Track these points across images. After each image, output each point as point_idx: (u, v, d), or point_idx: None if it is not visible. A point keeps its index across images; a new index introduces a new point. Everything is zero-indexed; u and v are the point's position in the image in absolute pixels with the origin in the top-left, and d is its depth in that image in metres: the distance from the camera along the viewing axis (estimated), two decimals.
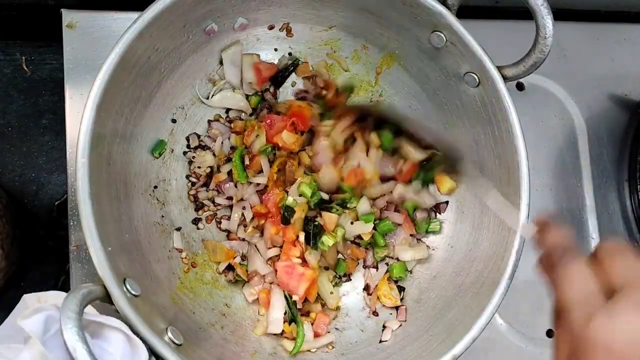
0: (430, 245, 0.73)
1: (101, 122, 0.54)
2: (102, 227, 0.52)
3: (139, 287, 0.54)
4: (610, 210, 0.84)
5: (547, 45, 0.58)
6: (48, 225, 0.73)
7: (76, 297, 0.46)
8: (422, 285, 0.71)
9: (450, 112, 0.70)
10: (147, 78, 0.62)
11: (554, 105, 0.85)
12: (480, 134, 0.67)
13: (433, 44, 0.65)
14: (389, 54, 0.72)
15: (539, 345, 0.77)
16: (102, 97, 0.54)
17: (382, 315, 0.71)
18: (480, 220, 0.68)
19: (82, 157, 0.52)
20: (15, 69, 0.75)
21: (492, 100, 0.63)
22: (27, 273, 0.71)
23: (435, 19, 0.62)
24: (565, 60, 0.86)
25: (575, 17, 0.88)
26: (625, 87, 0.87)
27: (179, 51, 0.64)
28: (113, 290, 0.50)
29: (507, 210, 0.47)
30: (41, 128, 0.74)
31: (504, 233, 0.62)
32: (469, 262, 0.67)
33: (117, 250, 0.54)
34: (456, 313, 0.63)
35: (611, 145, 0.85)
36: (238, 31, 0.69)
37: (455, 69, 0.65)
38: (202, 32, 0.65)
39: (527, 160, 0.61)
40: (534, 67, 0.60)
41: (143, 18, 0.55)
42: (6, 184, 0.72)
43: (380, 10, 0.66)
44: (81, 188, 0.52)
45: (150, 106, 0.64)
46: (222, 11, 0.64)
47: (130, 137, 0.62)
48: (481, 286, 0.62)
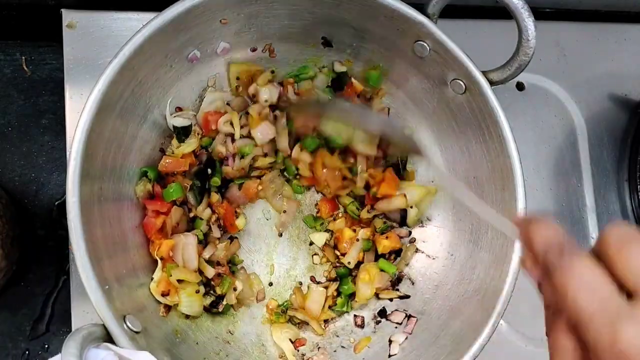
0: (430, 255, 0.73)
1: (89, 161, 0.54)
2: (98, 265, 0.52)
3: (140, 323, 0.53)
4: (610, 210, 0.84)
5: (531, 47, 0.57)
6: (48, 225, 0.73)
7: (76, 340, 0.46)
8: (425, 296, 0.70)
9: (439, 120, 0.70)
10: (133, 111, 0.61)
11: (554, 105, 0.85)
12: (471, 140, 0.67)
13: (417, 54, 0.65)
14: (373, 66, 0.72)
15: (539, 345, 0.77)
16: (87, 135, 0.53)
17: (387, 329, 0.70)
18: (478, 226, 0.67)
19: (72, 197, 0.52)
20: (15, 69, 0.75)
21: (480, 106, 0.63)
22: (27, 273, 0.71)
23: (417, 29, 0.61)
24: (565, 60, 0.86)
25: (575, 17, 0.88)
26: (625, 87, 0.87)
27: (162, 81, 0.64)
28: (113, 330, 0.50)
29: (484, 209, 0.46)
30: (41, 128, 0.74)
31: (503, 238, 0.62)
32: (470, 269, 0.67)
33: (115, 286, 0.54)
34: (461, 323, 0.63)
35: (611, 145, 0.85)
36: (221, 55, 0.68)
37: (441, 77, 0.65)
38: (184, 60, 0.65)
39: (520, 163, 0.61)
40: (519, 70, 0.60)
41: (123, 52, 0.55)
42: (6, 184, 0.72)
43: (362, 24, 0.65)
44: (74, 229, 0.51)
45: (138, 138, 0.64)
46: (203, 37, 0.64)
47: (120, 171, 0.62)
48: (484, 293, 0.62)
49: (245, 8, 0.63)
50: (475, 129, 0.65)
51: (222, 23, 0.63)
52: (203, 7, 0.58)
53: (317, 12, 0.65)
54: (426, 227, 0.74)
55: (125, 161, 0.62)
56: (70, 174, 0.52)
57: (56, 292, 0.71)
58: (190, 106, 0.69)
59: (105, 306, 0.50)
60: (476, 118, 0.64)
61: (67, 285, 0.70)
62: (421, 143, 0.69)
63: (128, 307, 0.55)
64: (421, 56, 0.65)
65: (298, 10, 0.65)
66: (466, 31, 0.81)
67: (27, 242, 0.70)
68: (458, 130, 0.68)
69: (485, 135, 0.64)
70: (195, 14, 0.59)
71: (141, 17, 0.71)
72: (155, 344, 0.56)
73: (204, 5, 0.58)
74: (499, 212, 0.58)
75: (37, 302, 0.71)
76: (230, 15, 0.63)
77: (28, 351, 0.70)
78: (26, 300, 0.70)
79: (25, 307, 0.70)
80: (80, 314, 0.66)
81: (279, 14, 0.65)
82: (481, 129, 0.64)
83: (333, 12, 0.64)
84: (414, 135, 0.71)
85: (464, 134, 0.67)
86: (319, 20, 0.66)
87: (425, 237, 0.73)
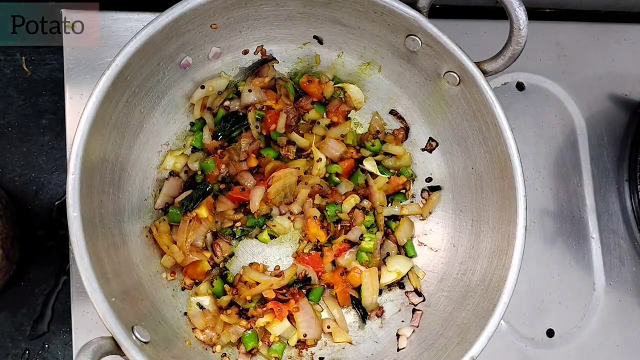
0: (433, 247, 0.73)
1: (88, 175, 0.54)
2: (102, 278, 0.52)
3: (149, 333, 0.54)
4: (610, 210, 0.84)
5: (523, 36, 0.57)
6: (48, 225, 0.73)
7: (87, 355, 0.46)
8: (430, 288, 0.71)
9: (435, 113, 0.70)
10: (128, 120, 0.61)
11: (554, 105, 0.85)
12: (467, 131, 0.67)
13: (409, 48, 0.65)
14: (366, 63, 0.72)
15: (539, 346, 0.77)
16: (84, 149, 0.53)
17: (394, 323, 0.70)
18: (479, 216, 0.67)
19: (73, 211, 0.51)
20: (15, 69, 0.75)
21: (475, 96, 0.63)
22: (27, 273, 0.71)
23: (408, 24, 0.61)
24: (565, 60, 0.86)
25: (575, 17, 0.88)
26: (625, 87, 0.87)
27: (156, 89, 0.64)
28: (122, 341, 0.50)
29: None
30: (41, 128, 0.74)
31: (505, 227, 0.62)
32: (473, 259, 0.67)
33: (121, 298, 0.54)
34: (467, 314, 0.63)
35: (611, 145, 0.85)
36: (213, 60, 0.68)
37: (435, 70, 0.65)
38: (177, 67, 0.65)
39: (517, 152, 0.61)
40: (512, 60, 0.60)
41: (116, 63, 0.54)
42: (6, 184, 0.72)
43: (353, 21, 0.65)
44: (76, 243, 0.51)
45: (135, 149, 0.64)
46: (194, 43, 0.64)
47: (119, 183, 0.62)
48: (489, 283, 0.62)
49: (234, 12, 0.62)
50: (471, 120, 0.65)
51: (212, 28, 0.63)
52: (192, 14, 0.58)
53: (308, 12, 0.65)
54: (428, 220, 0.74)
55: (124, 172, 0.63)
56: (70, 189, 0.52)
57: (56, 292, 0.71)
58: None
59: (113, 318, 0.50)
60: (471, 109, 0.64)
61: (67, 285, 0.70)
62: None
63: (136, 317, 0.55)
64: (414, 50, 0.64)
65: (288, 10, 0.64)
66: (466, 31, 0.81)
67: (27, 242, 0.70)
68: (454, 123, 0.68)
69: (482, 126, 0.64)
70: (185, 21, 0.59)
71: (141, 18, 0.71)
72: (165, 353, 0.56)
73: (193, 12, 0.58)
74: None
75: (37, 302, 0.71)
76: (220, 20, 0.63)
77: (28, 351, 0.70)
78: (26, 300, 0.70)
79: (25, 307, 0.70)
80: (80, 314, 0.66)
81: (268, 15, 0.65)
82: (477, 119, 0.64)
83: (323, 11, 0.64)
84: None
85: (460, 125, 0.67)
86: (310, 20, 0.66)
87: (427, 230, 0.74)
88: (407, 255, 0.73)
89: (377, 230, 0.72)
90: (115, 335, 0.50)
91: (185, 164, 0.70)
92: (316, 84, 0.72)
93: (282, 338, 0.68)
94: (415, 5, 0.61)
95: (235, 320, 0.67)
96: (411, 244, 0.73)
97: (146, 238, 0.66)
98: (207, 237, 0.69)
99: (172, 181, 0.69)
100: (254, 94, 0.70)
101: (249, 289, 0.68)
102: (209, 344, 0.65)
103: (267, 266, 0.71)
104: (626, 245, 0.83)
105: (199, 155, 0.70)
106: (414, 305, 0.70)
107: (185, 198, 0.68)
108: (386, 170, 0.74)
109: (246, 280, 0.69)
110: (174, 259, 0.66)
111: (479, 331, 0.58)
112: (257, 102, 0.71)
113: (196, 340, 0.65)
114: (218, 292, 0.68)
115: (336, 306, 0.70)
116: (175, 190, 0.69)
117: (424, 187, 0.74)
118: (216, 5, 0.60)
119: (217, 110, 0.71)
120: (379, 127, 0.74)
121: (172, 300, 0.66)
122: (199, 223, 0.68)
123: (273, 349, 0.67)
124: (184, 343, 0.63)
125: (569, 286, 0.80)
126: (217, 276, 0.69)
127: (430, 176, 0.74)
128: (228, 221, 0.71)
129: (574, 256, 0.81)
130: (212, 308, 0.67)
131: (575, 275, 0.81)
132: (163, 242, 0.66)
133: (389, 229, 0.74)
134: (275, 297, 0.68)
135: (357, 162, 0.74)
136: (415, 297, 0.71)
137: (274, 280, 0.68)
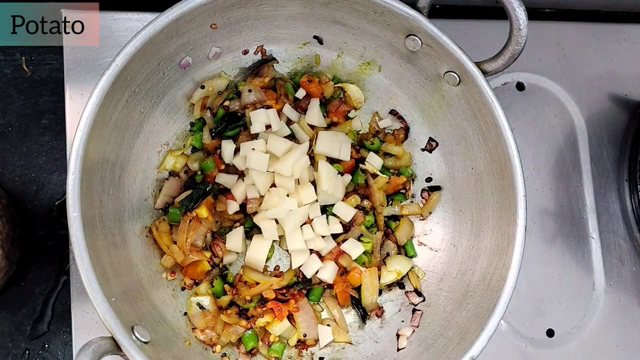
0: (433, 247, 0.73)
1: (87, 175, 0.54)
2: (102, 278, 0.52)
3: (149, 333, 0.54)
4: (610, 210, 0.84)
5: (523, 36, 0.57)
6: (48, 225, 0.73)
7: (87, 355, 0.46)
8: (430, 288, 0.71)
9: (435, 113, 0.70)
10: (128, 120, 0.61)
11: (554, 105, 0.84)
12: (467, 131, 0.67)
13: (409, 48, 0.65)
14: (366, 63, 0.72)
15: (539, 346, 0.78)
16: (84, 149, 0.53)
17: (394, 323, 0.70)
18: (479, 216, 0.67)
19: (73, 211, 0.51)
20: (15, 69, 0.75)
21: (475, 97, 0.63)
22: (27, 273, 0.71)
23: (408, 24, 0.61)
24: (565, 60, 0.86)
25: (575, 17, 0.88)
26: (625, 87, 0.87)
27: (156, 89, 0.64)
28: (122, 341, 0.50)
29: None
30: (41, 128, 0.74)
31: (505, 227, 0.62)
32: (473, 259, 0.67)
33: (121, 298, 0.54)
34: (467, 314, 0.63)
35: (611, 145, 0.85)
36: (213, 60, 0.68)
37: (435, 70, 0.65)
38: (177, 67, 0.65)
39: (517, 152, 0.61)
40: (512, 60, 0.60)
41: (116, 63, 0.55)
42: (6, 184, 0.72)
43: (353, 21, 0.65)
44: (76, 243, 0.51)
45: (135, 149, 0.64)
46: (194, 43, 0.64)
47: (119, 183, 0.62)
48: (489, 283, 0.62)
49: (234, 12, 0.62)
50: (471, 120, 0.65)
51: (212, 28, 0.63)
52: (192, 14, 0.58)
53: (308, 12, 0.65)
54: (428, 220, 0.74)
55: (124, 172, 0.63)
56: (70, 189, 0.52)
57: (56, 292, 0.71)
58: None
59: (113, 317, 0.51)
60: (471, 109, 0.64)
61: (67, 285, 0.70)
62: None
63: (136, 317, 0.55)
64: (413, 50, 0.65)
65: (288, 10, 0.64)
66: (466, 31, 0.81)
67: (27, 242, 0.70)
68: (454, 123, 0.68)
69: (482, 126, 0.64)
70: (185, 21, 0.59)
71: (141, 18, 0.71)
72: (166, 353, 0.56)
73: (193, 12, 0.58)
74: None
75: (37, 302, 0.71)
76: (220, 20, 0.63)
77: (28, 351, 0.70)
78: (26, 300, 0.70)
79: (25, 307, 0.70)
80: (80, 314, 0.66)
81: (268, 15, 0.65)
82: (477, 119, 0.64)
83: (323, 11, 0.64)
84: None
85: (460, 125, 0.67)
86: (310, 20, 0.66)
87: (427, 230, 0.74)
88: (407, 255, 0.73)
89: (377, 230, 0.72)
90: (115, 335, 0.50)
91: (185, 164, 0.70)
92: (316, 84, 0.72)
93: (282, 338, 0.68)
94: (415, 5, 0.61)
95: (235, 320, 0.67)
96: (411, 244, 0.73)
97: (146, 238, 0.66)
98: (207, 237, 0.69)
99: (172, 181, 0.69)
100: (254, 94, 0.70)
101: (248, 289, 0.68)
102: (209, 344, 0.65)
103: (267, 266, 0.71)
104: (626, 245, 0.83)
105: (199, 155, 0.70)
106: (414, 305, 0.70)
107: (185, 198, 0.68)
108: (386, 170, 0.74)
109: (246, 281, 0.69)
110: (174, 259, 0.66)
111: (479, 331, 0.58)
112: (257, 102, 0.71)
113: (196, 340, 0.65)
114: (218, 292, 0.68)
115: (336, 306, 0.70)
116: (175, 190, 0.69)
117: (423, 187, 0.74)
118: (216, 5, 0.60)
119: (217, 111, 0.71)
120: (377, 128, 0.74)
121: (172, 300, 0.66)
122: (199, 223, 0.68)
123: (273, 349, 0.67)
124: (184, 343, 0.63)
125: (569, 286, 0.80)
126: (217, 276, 0.69)
127: (430, 176, 0.74)
128: (228, 221, 0.71)
129: (574, 256, 0.81)
130: (212, 308, 0.67)
131: (575, 275, 0.81)
132: (163, 242, 0.66)
133: (389, 229, 0.74)
134: (275, 297, 0.68)
135: (357, 162, 0.74)
136: (415, 297, 0.71)
137: (273, 280, 0.68)
